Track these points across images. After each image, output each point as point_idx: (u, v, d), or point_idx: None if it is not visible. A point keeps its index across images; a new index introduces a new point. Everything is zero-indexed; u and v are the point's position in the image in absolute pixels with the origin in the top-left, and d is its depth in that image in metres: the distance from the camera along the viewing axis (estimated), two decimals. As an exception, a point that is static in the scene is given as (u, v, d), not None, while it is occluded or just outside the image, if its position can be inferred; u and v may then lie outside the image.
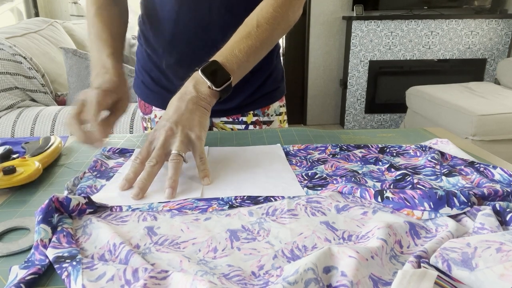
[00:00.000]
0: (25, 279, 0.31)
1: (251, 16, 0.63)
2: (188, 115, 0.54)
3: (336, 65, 3.39)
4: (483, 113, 2.19)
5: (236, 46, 0.60)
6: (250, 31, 0.61)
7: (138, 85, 0.89)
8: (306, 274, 0.29)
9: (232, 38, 0.61)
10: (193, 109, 0.55)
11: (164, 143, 0.51)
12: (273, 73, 0.87)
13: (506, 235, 0.32)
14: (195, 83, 0.57)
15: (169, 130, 0.52)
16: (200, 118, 0.55)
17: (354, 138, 0.70)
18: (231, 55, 0.59)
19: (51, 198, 0.40)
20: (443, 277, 0.30)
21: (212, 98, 0.57)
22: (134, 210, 0.44)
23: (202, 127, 0.55)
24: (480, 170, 0.52)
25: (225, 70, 0.58)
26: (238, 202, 0.46)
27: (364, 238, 0.37)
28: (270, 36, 0.63)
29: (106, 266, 0.32)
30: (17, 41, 1.75)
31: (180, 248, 0.37)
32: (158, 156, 0.50)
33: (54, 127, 1.45)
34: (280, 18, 0.63)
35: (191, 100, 0.55)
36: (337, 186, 0.48)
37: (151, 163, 0.50)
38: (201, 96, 0.56)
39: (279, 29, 0.64)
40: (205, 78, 0.56)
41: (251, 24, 0.62)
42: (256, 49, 0.61)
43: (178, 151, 0.51)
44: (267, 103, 0.87)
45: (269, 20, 0.62)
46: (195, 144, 0.53)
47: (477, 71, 3.30)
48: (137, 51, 0.89)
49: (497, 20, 3.12)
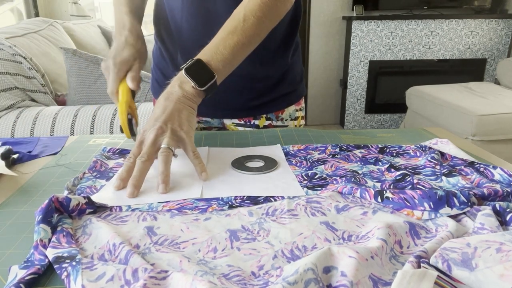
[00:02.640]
0: (25, 279, 0.31)
1: (238, 8, 0.62)
2: (176, 114, 0.55)
3: (336, 65, 3.39)
4: (483, 113, 2.19)
5: (221, 43, 0.59)
6: (236, 26, 0.60)
7: (153, 84, 0.90)
8: (306, 274, 0.29)
9: (218, 34, 0.61)
10: (180, 108, 0.55)
11: (154, 140, 0.52)
12: (289, 73, 0.83)
13: (506, 235, 0.32)
14: (180, 83, 0.57)
15: (159, 129, 0.53)
16: (188, 117, 0.56)
17: (354, 138, 0.70)
18: (216, 53, 0.59)
19: (51, 198, 0.40)
20: (443, 277, 0.30)
21: (197, 97, 0.58)
22: (134, 210, 0.44)
23: (190, 124, 0.56)
24: (480, 170, 0.52)
25: (209, 68, 0.58)
26: (238, 202, 0.46)
27: (364, 238, 0.37)
28: (257, 30, 0.62)
29: (105, 266, 0.32)
30: (17, 41, 1.75)
31: (180, 248, 0.37)
32: (148, 152, 0.51)
33: (54, 127, 1.45)
34: (268, 10, 0.61)
35: (178, 99, 0.56)
36: (337, 186, 0.48)
37: (142, 159, 0.50)
38: (186, 95, 0.57)
39: (267, 21, 0.62)
40: (189, 78, 0.57)
41: (237, 18, 0.61)
42: (242, 45, 0.60)
43: (167, 145, 0.52)
44: (281, 107, 0.83)
45: (256, 13, 0.60)
46: (185, 141, 0.54)
47: (477, 71, 3.29)
48: (153, 50, 0.89)
49: (497, 20, 3.12)
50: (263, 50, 0.69)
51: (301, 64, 0.88)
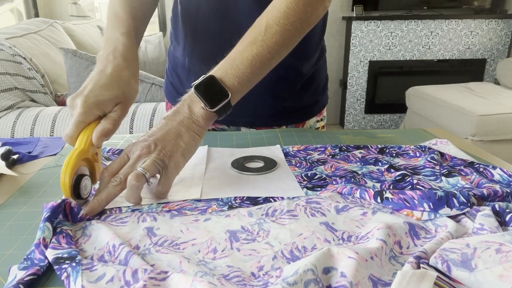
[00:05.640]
0: (24, 279, 0.31)
1: (260, 17, 0.54)
2: (172, 138, 0.47)
3: (336, 66, 3.39)
4: (483, 113, 2.19)
5: (238, 57, 0.51)
6: (256, 36, 0.52)
7: (167, 87, 0.83)
8: (305, 275, 0.29)
9: (236, 46, 0.53)
10: (181, 132, 0.48)
11: (135, 161, 0.46)
12: (314, 81, 0.76)
13: (506, 235, 0.32)
14: (190, 102, 0.50)
15: (146, 148, 0.46)
16: (186, 145, 0.48)
17: (354, 139, 0.70)
18: (231, 67, 0.51)
19: (64, 201, 0.40)
20: (442, 278, 0.30)
21: (207, 121, 0.50)
22: (133, 211, 0.44)
23: (184, 155, 0.48)
24: (480, 170, 0.52)
25: (222, 86, 0.50)
26: (237, 203, 0.46)
27: (363, 239, 0.37)
28: (281, 40, 0.53)
29: (105, 267, 0.32)
30: (17, 41, 1.75)
31: (179, 249, 0.37)
32: (123, 175, 0.45)
33: (54, 128, 1.45)
34: (294, 17, 0.53)
35: (182, 122, 0.49)
36: (337, 187, 0.48)
37: (114, 183, 0.44)
38: (194, 118, 0.49)
39: (292, 30, 0.53)
40: (199, 97, 0.49)
41: (258, 27, 0.53)
42: (263, 58, 0.52)
43: (143, 170, 0.44)
44: (302, 119, 0.77)
45: (280, 21, 0.52)
46: (167, 171, 0.46)
47: (477, 71, 3.30)
48: (168, 51, 0.82)
49: (496, 20, 3.12)
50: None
51: (326, 71, 0.81)
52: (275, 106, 0.75)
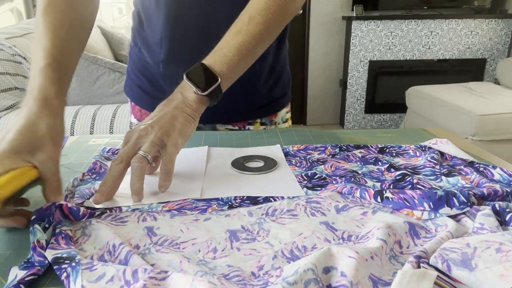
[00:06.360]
0: (25, 279, 0.31)
1: (244, 9, 0.59)
2: (168, 119, 0.50)
3: (336, 65, 3.39)
4: (483, 113, 2.19)
5: (225, 45, 0.56)
6: (241, 27, 0.56)
7: (132, 88, 0.82)
8: (305, 275, 0.29)
9: (223, 37, 0.57)
10: (176, 114, 0.51)
11: (135, 142, 0.48)
12: (282, 77, 0.82)
13: (506, 235, 0.32)
14: (182, 89, 0.54)
15: (144, 130, 0.49)
16: (182, 126, 0.51)
17: (354, 138, 0.70)
18: (219, 55, 0.55)
19: (54, 204, 0.40)
20: (442, 278, 0.30)
21: (199, 105, 0.54)
22: (133, 211, 0.44)
23: (181, 134, 0.51)
24: (480, 170, 0.52)
25: (212, 71, 0.54)
26: (237, 203, 0.46)
27: (363, 239, 0.37)
28: (264, 30, 0.57)
29: (105, 267, 0.32)
30: (17, 41, 1.75)
31: (179, 248, 0.37)
32: (124, 154, 0.47)
33: (54, 128, 1.45)
34: (275, 7, 0.58)
35: (176, 106, 0.52)
36: (337, 187, 0.48)
37: (115, 162, 0.46)
38: (187, 102, 0.53)
39: (274, 19, 0.58)
40: (190, 83, 0.53)
41: (242, 19, 0.57)
42: (248, 45, 0.56)
43: (144, 153, 0.47)
44: (275, 111, 0.83)
45: (262, 11, 0.57)
46: (166, 149, 0.49)
47: (477, 71, 3.30)
48: (130, 51, 0.81)
49: (496, 20, 3.12)
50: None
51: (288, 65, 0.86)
52: (250, 102, 0.80)
